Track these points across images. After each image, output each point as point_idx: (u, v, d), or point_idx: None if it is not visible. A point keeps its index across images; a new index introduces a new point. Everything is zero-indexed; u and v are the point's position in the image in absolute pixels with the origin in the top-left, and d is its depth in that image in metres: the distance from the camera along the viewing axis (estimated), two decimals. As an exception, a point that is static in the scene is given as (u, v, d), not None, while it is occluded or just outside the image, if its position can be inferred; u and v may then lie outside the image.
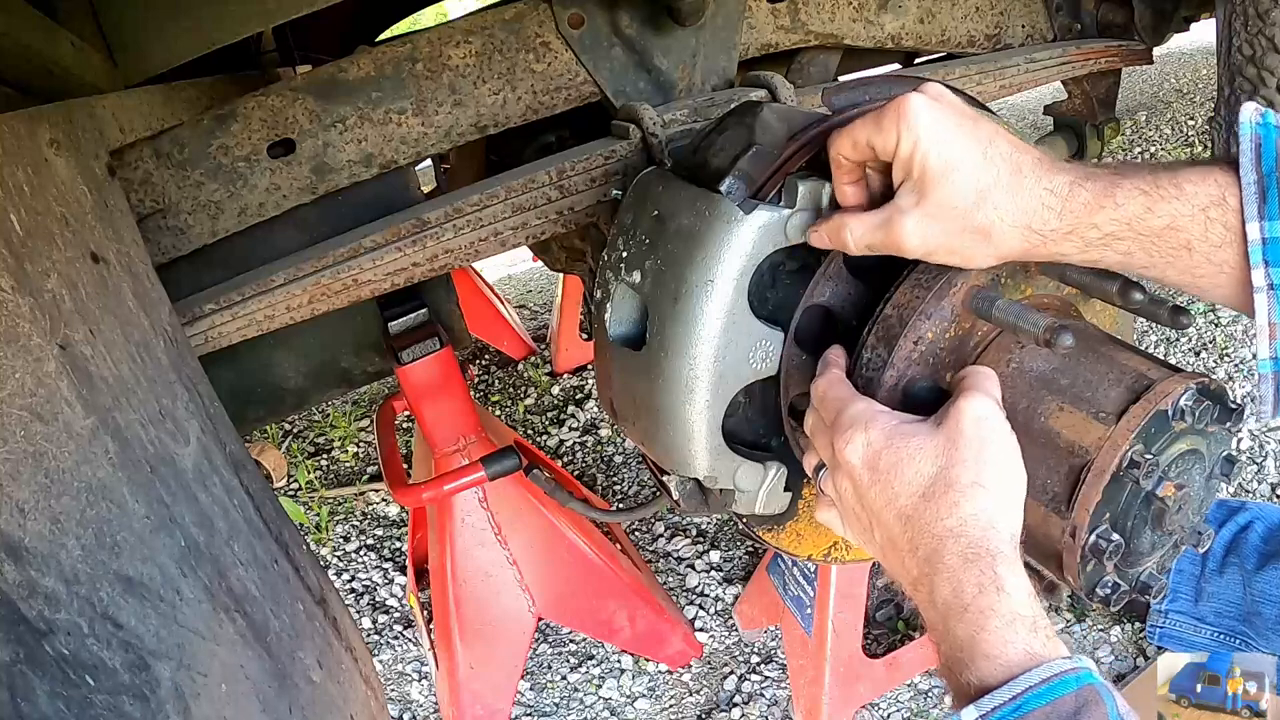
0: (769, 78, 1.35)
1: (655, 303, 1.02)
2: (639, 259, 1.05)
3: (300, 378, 1.62)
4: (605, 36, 1.41)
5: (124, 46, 1.28)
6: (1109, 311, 1.11)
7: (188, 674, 0.81)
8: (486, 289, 3.54)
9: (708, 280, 0.95)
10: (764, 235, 0.95)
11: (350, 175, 1.37)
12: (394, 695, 2.10)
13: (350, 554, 2.57)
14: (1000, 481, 0.79)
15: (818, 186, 0.94)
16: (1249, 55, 1.39)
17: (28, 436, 0.71)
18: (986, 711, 0.68)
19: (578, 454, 2.86)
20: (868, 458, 0.82)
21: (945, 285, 0.94)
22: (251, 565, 0.99)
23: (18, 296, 0.74)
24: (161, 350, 1.01)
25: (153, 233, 1.29)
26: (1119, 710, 0.68)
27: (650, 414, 1.04)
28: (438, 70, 1.37)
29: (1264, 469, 2.12)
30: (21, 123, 0.89)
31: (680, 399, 0.99)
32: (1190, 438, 0.92)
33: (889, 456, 0.81)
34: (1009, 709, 0.68)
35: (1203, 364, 2.51)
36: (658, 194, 1.06)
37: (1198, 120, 4.03)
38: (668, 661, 2.01)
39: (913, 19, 1.70)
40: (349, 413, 3.31)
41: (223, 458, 1.05)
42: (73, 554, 0.73)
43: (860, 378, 0.98)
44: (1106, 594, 0.93)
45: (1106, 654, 1.81)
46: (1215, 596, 1.72)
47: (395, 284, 1.31)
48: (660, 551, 2.34)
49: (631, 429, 1.12)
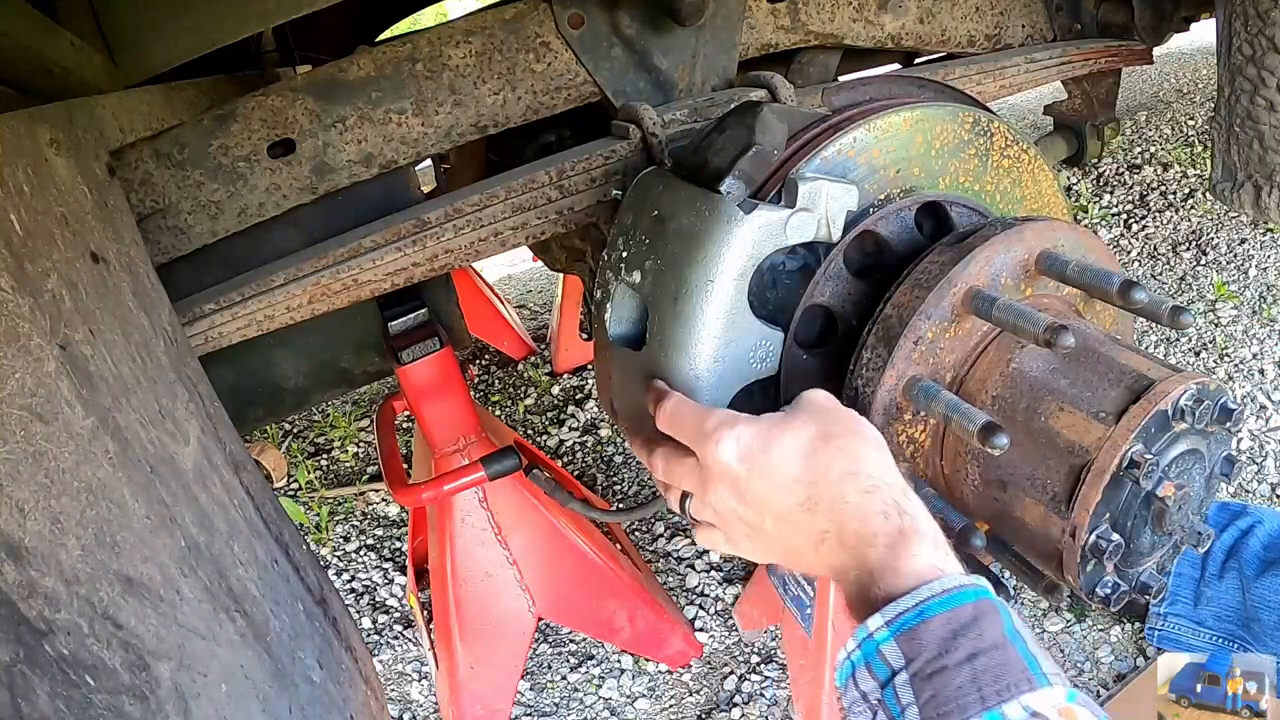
0: (769, 78, 1.35)
1: (655, 302, 1.02)
2: (639, 259, 1.05)
3: (300, 378, 1.62)
4: (605, 36, 1.41)
5: (124, 46, 1.27)
6: (1109, 311, 1.11)
7: (188, 674, 0.81)
8: (486, 289, 3.53)
9: (708, 280, 0.95)
10: (764, 235, 0.95)
11: (350, 175, 1.37)
12: (394, 695, 2.10)
13: (350, 554, 2.57)
14: (867, 430, 0.84)
15: (818, 186, 0.94)
16: (1249, 55, 1.39)
17: (28, 436, 0.71)
18: (891, 617, 0.73)
19: (578, 454, 2.86)
20: (742, 452, 0.84)
21: (945, 285, 0.94)
22: (251, 565, 0.99)
23: (18, 296, 0.74)
24: (161, 350, 1.01)
25: (153, 233, 1.29)
26: (1015, 625, 0.72)
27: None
28: (438, 70, 1.37)
29: (1264, 469, 2.12)
30: (21, 123, 0.89)
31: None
32: (1190, 438, 0.92)
33: (761, 442, 0.83)
34: (912, 614, 0.72)
35: (1203, 364, 2.51)
36: (658, 194, 1.06)
37: (1198, 120, 4.03)
38: (668, 661, 2.01)
39: (913, 19, 1.70)
40: (349, 413, 3.31)
41: (223, 458, 1.05)
42: (73, 554, 0.73)
43: (860, 377, 0.98)
44: (1106, 594, 0.93)
45: (1106, 654, 1.81)
46: (1215, 600, 1.72)
47: (395, 284, 1.31)
48: (660, 551, 2.34)
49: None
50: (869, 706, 0.73)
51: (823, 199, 0.95)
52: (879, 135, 1.03)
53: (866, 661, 0.74)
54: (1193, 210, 3.24)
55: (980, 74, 1.66)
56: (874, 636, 0.73)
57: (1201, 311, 2.68)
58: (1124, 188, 3.58)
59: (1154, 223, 3.25)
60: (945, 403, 0.91)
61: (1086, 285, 0.96)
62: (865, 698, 0.73)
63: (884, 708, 0.72)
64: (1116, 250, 3.15)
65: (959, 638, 0.70)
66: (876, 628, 0.73)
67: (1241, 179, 1.49)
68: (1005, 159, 1.13)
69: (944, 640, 0.70)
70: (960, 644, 0.70)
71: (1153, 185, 3.52)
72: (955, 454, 1.00)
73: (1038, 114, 3.83)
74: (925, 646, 0.70)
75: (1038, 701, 0.67)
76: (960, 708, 0.67)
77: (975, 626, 0.71)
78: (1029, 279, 0.99)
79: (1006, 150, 1.12)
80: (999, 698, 0.67)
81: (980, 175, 1.11)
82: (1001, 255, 0.97)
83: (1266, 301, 2.67)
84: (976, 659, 0.69)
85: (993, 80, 1.67)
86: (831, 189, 0.95)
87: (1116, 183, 3.64)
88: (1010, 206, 1.14)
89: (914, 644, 0.71)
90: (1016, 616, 0.74)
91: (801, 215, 0.95)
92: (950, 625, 0.71)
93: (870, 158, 1.03)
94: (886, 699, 0.72)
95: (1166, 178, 3.54)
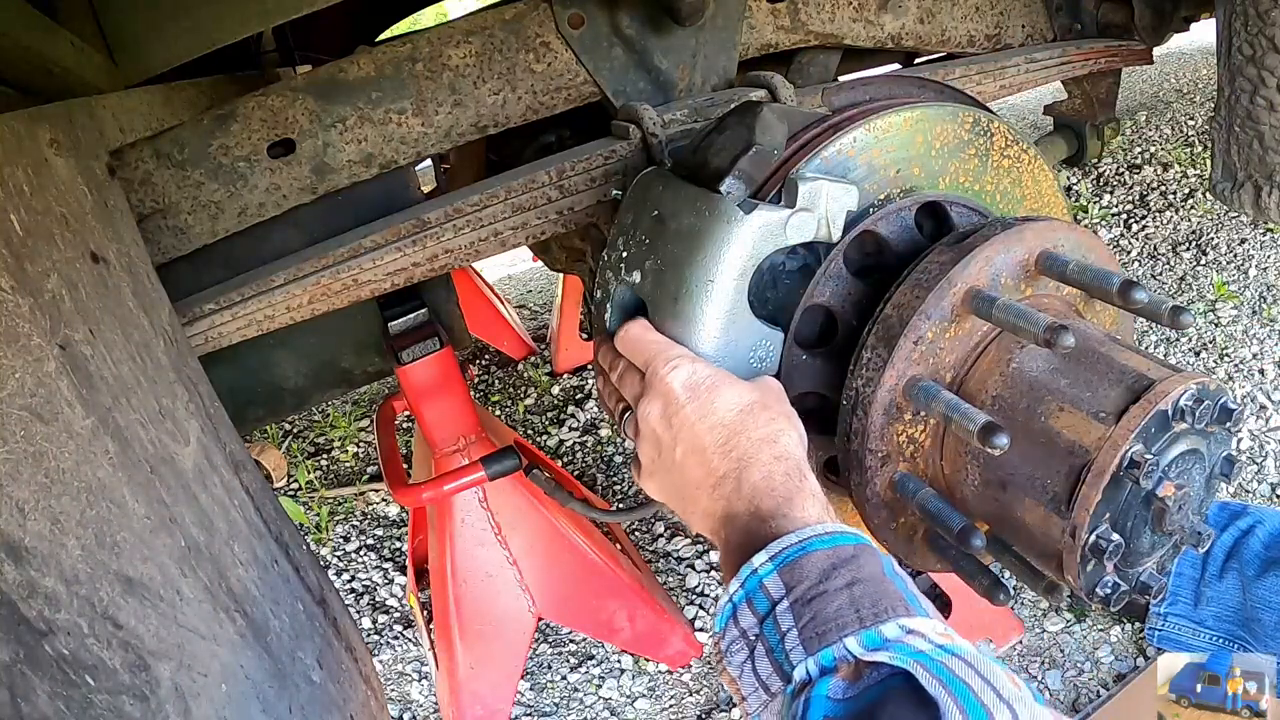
0: (769, 78, 1.35)
1: (655, 303, 1.02)
2: (639, 259, 1.05)
3: (300, 378, 1.62)
4: (605, 36, 1.41)
5: (124, 46, 1.27)
6: (1109, 311, 1.11)
7: (188, 674, 0.81)
8: (486, 289, 3.53)
9: (708, 280, 0.95)
10: (764, 235, 0.95)
11: (350, 175, 1.37)
12: (394, 695, 2.10)
13: (350, 554, 2.57)
14: (798, 424, 0.91)
15: (818, 186, 0.94)
16: (1249, 55, 1.39)
17: (28, 436, 0.71)
18: (775, 552, 0.76)
19: (578, 454, 2.86)
20: (690, 382, 0.90)
21: (945, 285, 0.94)
22: (251, 565, 0.99)
23: (18, 296, 0.74)
24: (161, 350, 1.01)
25: (153, 233, 1.29)
26: (895, 569, 0.76)
27: None
28: (438, 70, 1.37)
29: (1264, 469, 2.12)
30: (21, 123, 0.89)
31: None
32: (1190, 438, 0.92)
33: (710, 382, 0.90)
34: (795, 549, 0.75)
35: (1203, 364, 2.51)
36: (658, 194, 1.05)
37: (1198, 120, 4.03)
38: (668, 661, 2.01)
39: (913, 19, 1.70)
40: (349, 413, 3.31)
41: (223, 458, 1.05)
42: (73, 554, 0.73)
43: (860, 377, 0.98)
44: (1106, 594, 0.93)
45: (1106, 654, 1.81)
46: (1215, 601, 1.72)
47: (395, 284, 1.31)
48: (660, 551, 2.34)
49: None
50: (747, 643, 0.75)
51: (823, 199, 0.95)
52: (879, 135, 1.03)
53: (749, 597, 0.76)
54: (1193, 210, 3.25)
55: (980, 74, 1.66)
56: (758, 571, 0.76)
57: (1201, 311, 2.68)
58: (1124, 188, 3.58)
59: (1154, 223, 3.25)
60: (945, 403, 0.91)
61: (1086, 285, 0.96)
62: (745, 634, 0.75)
63: (762, 639, 0.74)
64: (1116, 250, 3.15)
65: (838, 569, 0.73)
66: (761, 563, 0.76)
67: (1241, 179, 1.49)
68: (1005, 159, 1.12)
69: (824, 571, 0.73)
70: (840, 573, 0.73)
71: (1153, 185, 3.52)
72: (955, 454, 1.00)
73: (1038, 114, 3.83)
74: (806, 575, 0.73)
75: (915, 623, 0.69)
76: (839, 626, 0.69)
77: (854, 561, 0.74)
78: (1029, 279, 0.99)
79: (1006, 150, 1.12)
80: (876, 619, 0.69)
81: (980, 175, 1.11)
82: (1001, 255, 0.97)
83: (1266, 301, 2.67)
84: (855, 586, 0.72)
85: (993, 80, 1.67)
86: (832, 189, 0.95)
87: (1116, 183, 3.64)
88: (1010, 206, 1.14)
89: (795, 573, 0.74)
90: (896, 565, 0.77)
91: (802, 215, 0.95)
92: (830, 560, 0.74)
93: (870, 158, 1.03)
94: (765, 630, 0.74)
95: (1166, 178, 3.54)
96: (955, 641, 0.68)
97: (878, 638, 0.68)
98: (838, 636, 0.69)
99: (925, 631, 0.68)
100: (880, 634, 0.68)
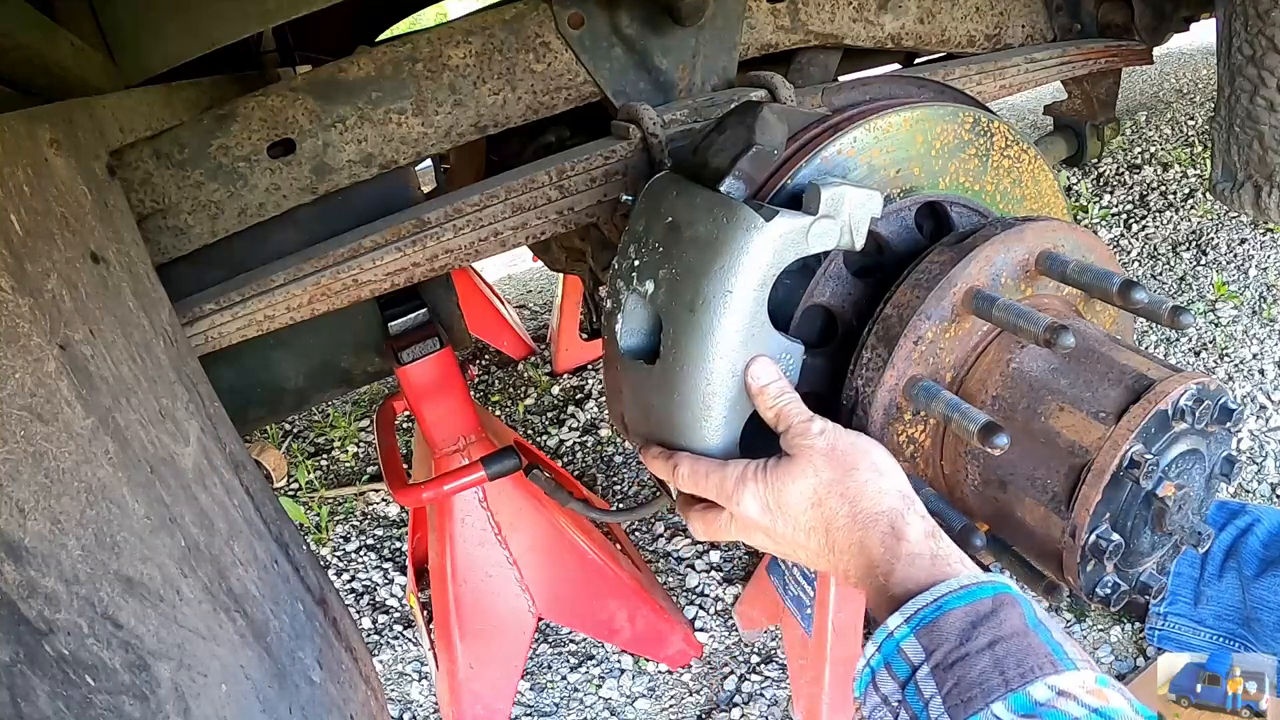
0: (769, 78, 1.35)
1: (670, 314, 0.96)
2: (652, 268, 1.00)
3: (300, 378, 1.62)
4: (605, 36, 1.41)
5: (124, 46, 1.27)
6: (1109, 311, 1.11)
7: (188, 674, 0.81)
8: (486, 289, 3.53)
9: (726, 291, 0.90)
10: (785, 244, 0.90)
11: (350, 175, 1.37)
12: (394, 695, 2.10)
13: (350, 554, 2.57)
14: (862, 460, 0.87)
15: (841, 192, 0.91)
16: (1249, 55, 1.39)
17: (28, 436, 0.71)
18: (910, 614, 0.73)
19: (578, 454, 2.86)
20: (761, 507, 0.89)
21: (945, 285, 0.94)
22: (251, 565, 0.99)
23: (18, 296, 0.74)
24: (161, 350, 1.01)
25: (153, 233, 1.29)
26: (1037, 615, 0.72)
27: (664, 430, 1.00)
28: (438, 70, 1.37)
29: (1264, 469, 2.12)
30: (21, 123, 0.89)
31: (697, 416, 0.95)
32: (1190, 438, 0.92)
33: (775, 495, 0.89)
34: (931, 609, 0.72)
35: (1203, 364, 2.51)
36: (672, 200, 1.01)
37: (1198, 120, 4.03)
38: (668, 661, 2.01)
39: (913, 19, 1.70)
40: (349, 413, 3.31)
41: (223, 458, 1.05)
42: (73, 554, 0.73)
43: (860, 377, 0.98)
44: (1106, 594, 0.93)
45: (1106, 654, 1.81)
46: (1214, 600, 1.72)
47: (395, 284, 1.31)
48: (660, 551, 2.34)
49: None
50: (890, 710, 0.72)
51: (846, 205, 0.91)
52: (879, 135, 1.03)
53: (886, 662, 0.73)
54: (1193, 210, 3.25)
55: (980, 74, 1.66)
56: (894, 635, 0.73)
57: (1201, 311, 2.68)
58: (1124, 188, 3.58)
59: (1154, 223, 3.25)
60: (945, 402, 0.91)
61: (1086, 285, 0.96)
62: (886, 700, 0.72)
63: (906, 707, 0.70)
64: (1116, 250, 3.15)
65: (978, 627, 0.69)
66: (896, 625, 0.73)
67: (1241, 179, 1.49)
68: (1005, 159, 1.12)
69: (964, 630, 0.69)
70: (980, 632, 0.69)
71: (1153, 185, 3.52)
72: (955, 454, 1.00)
73: (1038, 114, 3.83)
74: (945, 638, 0.69)
75: (1064, 682, 0.65)
76: (984, 692, 0.66)
77: (995, 616, 0.70)
78: (1029, 279, 0.99)
79: (1006, 150, 1.12)
80: (1023, 680, 0.66)
81: (980, 175, 1.11)
82: (1001, 255, 0.96)
83: (1266, 301, 2.67)
84: (997, 645, 0.68)
85: (993, 80, 1.67)
86: (855, 195, 0.91)
87: (1116, 183, 3.64)
88: (1010, 206, 1.14)
89: (934, 636, 0.70)
90: (1040, 609, 0.73)
91: (824, 222, 0.91)
92: (969, 617, 0.70)
93: (870, 158, 1.03)
94: (908, 696, 0.70)
95: (1166, 178, 3.54)
96: (1109, 702, 0.64)
97: (1028, 702, 0.65)
98: (984, 703, 0.66)
99: (1076, 693, 0.65)
100: (1029, 697, 0.65)
